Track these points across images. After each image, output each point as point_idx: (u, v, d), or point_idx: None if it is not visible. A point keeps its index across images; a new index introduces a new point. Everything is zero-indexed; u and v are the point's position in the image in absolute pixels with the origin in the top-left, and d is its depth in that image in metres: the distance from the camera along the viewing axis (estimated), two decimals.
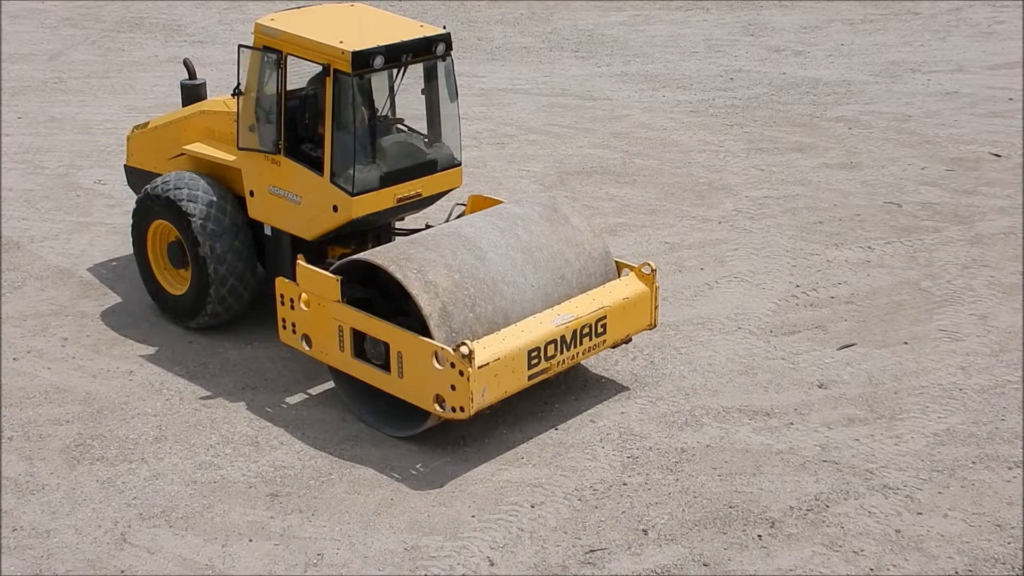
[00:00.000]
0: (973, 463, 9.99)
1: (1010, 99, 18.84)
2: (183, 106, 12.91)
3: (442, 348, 9.62)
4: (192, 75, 13.06)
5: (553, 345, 10.14)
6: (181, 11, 25.19)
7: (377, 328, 10.12)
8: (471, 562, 8.93)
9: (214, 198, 11.60)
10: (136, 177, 13.07)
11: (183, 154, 12.18)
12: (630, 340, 11.24)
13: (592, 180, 16.02)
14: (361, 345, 10.32)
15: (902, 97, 19.18)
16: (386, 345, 10.06)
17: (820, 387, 11.16)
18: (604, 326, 10.57)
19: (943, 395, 10.97)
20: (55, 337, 12.16)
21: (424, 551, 9.05)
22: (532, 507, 9.53)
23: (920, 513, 9.39)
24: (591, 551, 9.04)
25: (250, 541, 9.20)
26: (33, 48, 22.50)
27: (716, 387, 11.20)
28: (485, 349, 9.72)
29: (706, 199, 15.39)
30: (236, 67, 11.33)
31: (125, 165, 13.37)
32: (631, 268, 11.04)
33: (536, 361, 10.05)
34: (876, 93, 19.42)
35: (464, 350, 9.49)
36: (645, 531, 9.24)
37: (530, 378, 10.08)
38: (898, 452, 10.15)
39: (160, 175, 12.17)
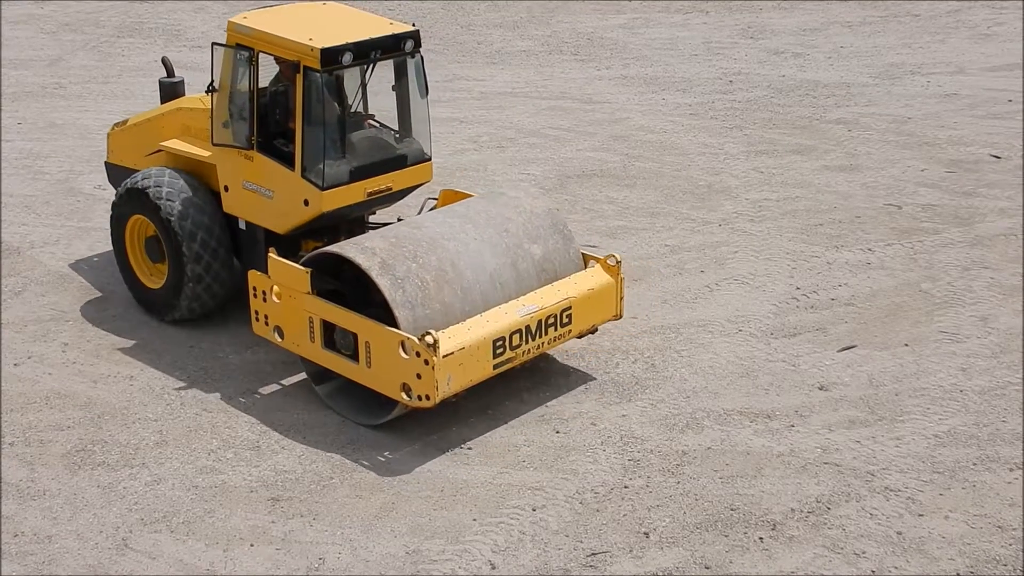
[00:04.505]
0: (974, 465, 9.99)
1: (1009, 101, 18.84)
2: (161, 103, 13.16)
3: (408, 338, 9.85)
4: (170, 73, 13.34)
5: (518, 335, 10.37)
6: (180, 16, 25.20)
7: (346, 319, 10.34)
8: (472, 566, 8.93)
9: (190, 193, 11.84)
10: (116, 173, 13.30)
11: (161, 150, 12.41)
12: (596, 330, 11.39)
13: (592, 183, 16.03)
14: (331, 336, 10.53)
15: (901, 99, 19.18)
16: (355, 335, 10.27)
17: (821, 389, 11.16)
18: (569, 316, 10.79)
19: (944, 397, 10.98)
20: (56, 342, 12.17)
21: (425, 555, 9.05)
22: (533, 510, 9.53)
23: (921, 515, 9.39)
24: (592, 554, 9.04)
25: (251, 546, 9.20)
26: (33, 53, 22.50)
27: (717, 389, 11.20)
28: (450, 339, 9.96)
29: (706, 202, 15.39)
30: (210, 64, 11.49)
31: (106, 162, 13.65)
32: (597, 260, 11.26)
33: (501, 350, 10.28)
34: (875, 95, 19.43)
35: (429, 339, 9.70)
36: (646, 534, 9.24)
37: (495, 367, 10.31)
38: (899, 454, 10.15)
39: (139, 171, 12.38)
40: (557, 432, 10.58)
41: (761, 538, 9.17)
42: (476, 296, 10.44)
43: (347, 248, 10.44)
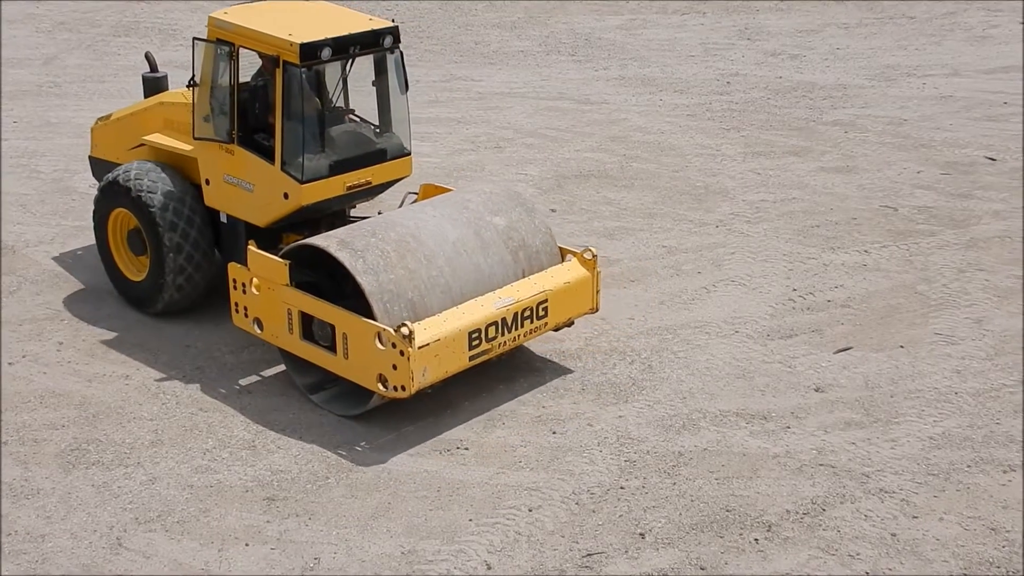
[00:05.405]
0: (968, 467, 10.00)
1: (1005, 103, 18.87)
2: (145, 98, 13.24)
3: (384, 329, 9.95)
4: (153, 68, 13.47)
5: (494, 327, 10.50)
6: (176, 15, 25.18)
7: (323, 310, 10.46)
8: (468, 566, 8.93)
9: (172, 187, 11.96)
10: (100, 167, 13.39)
11: (143, 144, 12.52)
12: (572, 323, 11.49)
13: (589, 184, 16.03)
14: (309, 327, 10.65)
15: (898, 101, 19.20)
16: (332, 327, 10.39)
17: (817, 391, 11.17)
18: (545, 309, 10.91)
19: (939, 399, 10.99)
20: (51, 341, 12.15)
21: (421, 555, 9.05)
22: (529, 511, 9.53)
23: (916, 517, 9.40)
24: (588, 555, 9.04)
25: (246, 545, 9.19)
26: (28, 52, 22.48)
27: (713, 391, 11.20)
28: (426, 330, 10.08)
29: (703, 203, 15.40)
30: (191, 59, 11.57)
31: (89, 156, 13.74)
32: (573, 253, 11.37)
33: (477, 343, 10.41)
34: (872, 97, 19.45)
35: (404, 331, 9.83)
36: (642, 535, 9.24)
37: (471, 359, 10.43)
38: (894, 456, 10.16)
39: (121, 165, 12.47)
40: (553, 433, 10.58)
41: (756, 539, 9.17)
42: (441, 262, 10.56)
43: (312, 238, 10.66)
